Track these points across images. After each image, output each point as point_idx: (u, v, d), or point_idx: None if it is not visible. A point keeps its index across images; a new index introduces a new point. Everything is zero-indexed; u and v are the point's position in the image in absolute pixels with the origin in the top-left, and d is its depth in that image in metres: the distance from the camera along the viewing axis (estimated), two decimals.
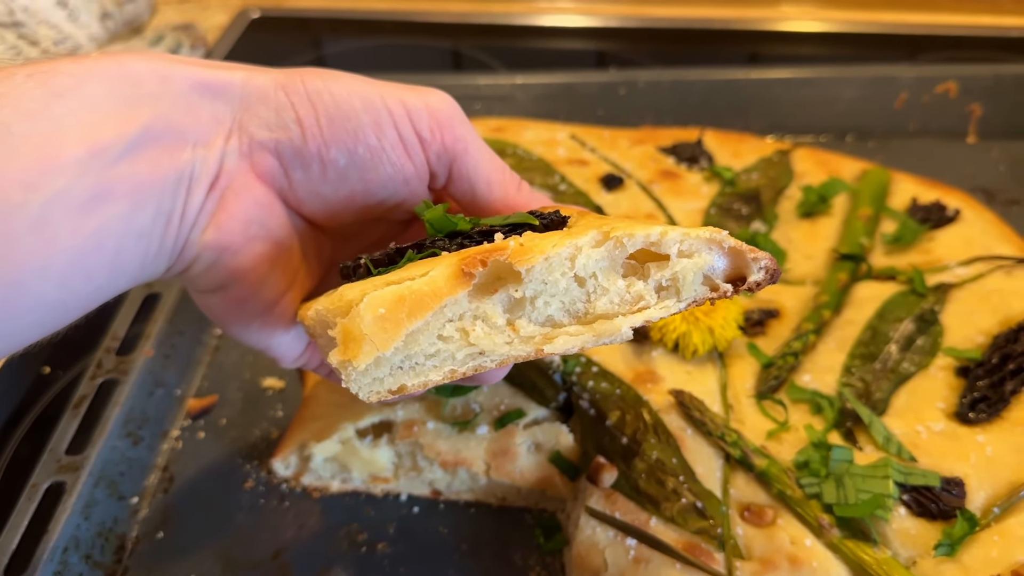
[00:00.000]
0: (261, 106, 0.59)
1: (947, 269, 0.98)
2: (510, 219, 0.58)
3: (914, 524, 0.75)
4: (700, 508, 0.77)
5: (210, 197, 0.58)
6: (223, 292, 0.63)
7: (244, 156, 0.59)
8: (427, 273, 0.49)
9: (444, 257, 0.52)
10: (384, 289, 0.49)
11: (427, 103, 0.61)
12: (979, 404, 0.83)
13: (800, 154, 1.15)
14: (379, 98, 0.60)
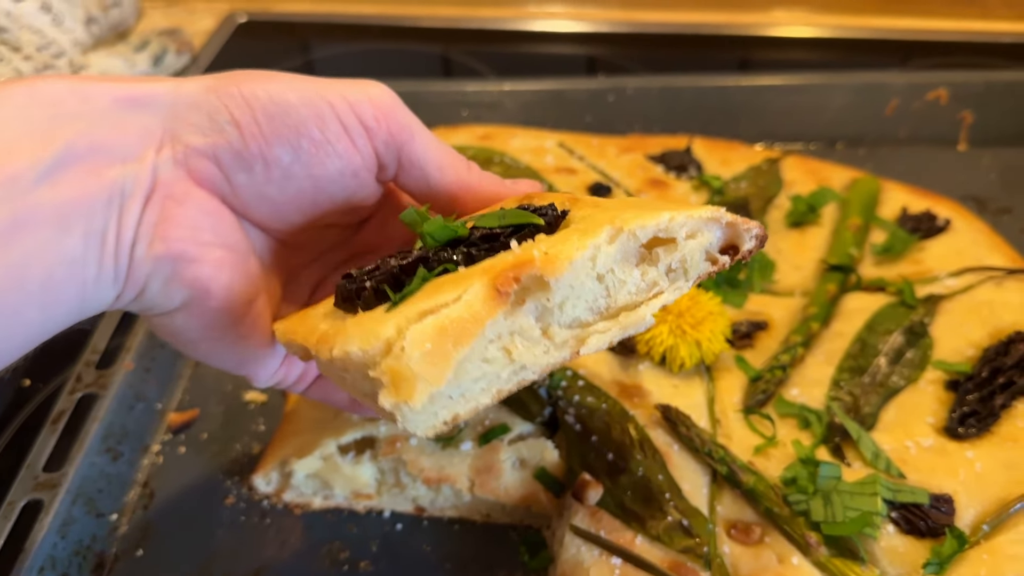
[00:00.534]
0: (193, 112, 0.57)
1: (937, 280, 0.97)
2: (508, 219, 0.56)
3: (902, 542, 0.74)
4: (686, 526, 0.76)
5: (148, 210, 0.56)
6: (187, 309, 0.60)
7: (180, 164, 0.57)
8: (460, 297, 0.48)
9: (466, 275, 0.51)
10: (424, 322, 0.47)
11: (368, 94, 0.60)
12: (969, 419, 0.82)
13: (789, 162, 1.14)
14: (318, 93, 0.58)
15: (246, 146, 0.57)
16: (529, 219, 0.56)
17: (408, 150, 0.62)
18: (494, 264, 0.51)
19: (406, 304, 0.50)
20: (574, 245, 0.51)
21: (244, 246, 0.62)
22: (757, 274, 0.98)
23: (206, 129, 0.57)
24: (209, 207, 0.59)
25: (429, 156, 0.63)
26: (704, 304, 0.87)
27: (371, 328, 0.48)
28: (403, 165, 0.63)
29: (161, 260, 0.57)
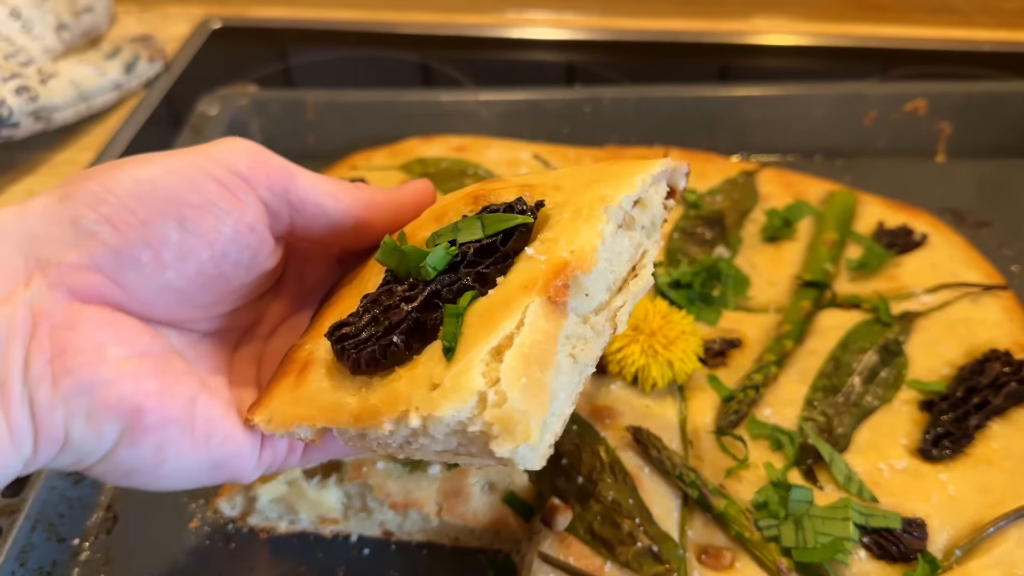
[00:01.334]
0: (52, 227, 0.52)
1: (913, 296, 0.96)
2: (492, 226, 0.54)
3: (874, 567, 0.74)
4: (656, 552, 0.75)
5: (35, 351, 0.50)
6: (127, 439, 0.53)
7: (57, 288, 0.51)
8: (523, 321, 0.48)
9: (504, 297, 0.51)
10: (506, 360, 0.47)
11: (232, 148, 0.57)
12: (943, 440, 0.81)
13: (766, 175, 1.13)
14: (181, 160, 0.55)
15: (125, 239, 0.52)
16: (516, 220, 0.55)
17: (295, 189, 0.58)
18: (528, 276, 0.51)
19: (463, 347, 0.49)
20: (588, 235, 0.52)
21: (159, 346, 0.56)
22: (731, 290, 0.97)
23: (73, 239, 0.52)
24: (103, 320, 0.53)
25: (319, 188, 0.59)
26: (677, 323, 0.86)
27: (455, 385, 0.47)
28: (295, 206, 0.59)
29: (72, 396, 0.50)
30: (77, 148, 1.37)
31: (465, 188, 0.64)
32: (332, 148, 1.27)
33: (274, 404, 0.56)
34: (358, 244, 0.65)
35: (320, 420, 0.53)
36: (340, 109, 1.28)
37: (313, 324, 0.63)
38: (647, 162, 0.61)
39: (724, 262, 0.98)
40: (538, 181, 0.61)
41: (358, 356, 0.52)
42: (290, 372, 0.58)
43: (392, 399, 0.49)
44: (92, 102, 1.40)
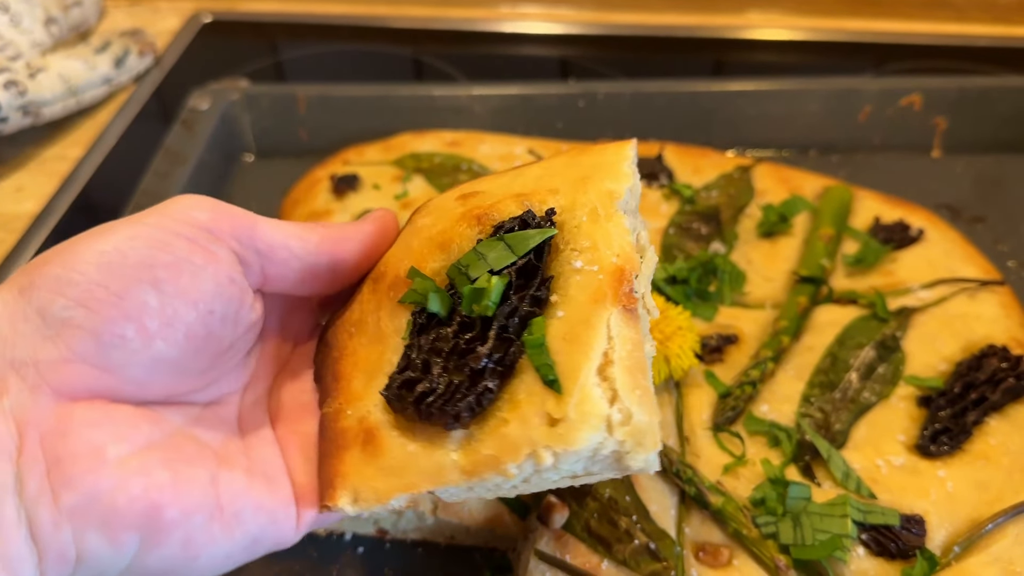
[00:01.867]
0: (18, 324, 0.47)
1: (910, 292, 0.96)
2: (522, 246, 0.53)
3: (873, 564, 0.73)
4: (653, 549, 0.74)
5: (26, 463, 0.45)
6: (150, 543, 0.48)
7: (39, 390, 0.47)
8: (611, 336, 0.49)
9: (575, 315, 0.51)
10: (616, 377, 0.48)
11: (189, 204, 0.53)
12: (941, 436, 0.81)
13: (761, 170, 1.12)
14: (142, 223, 0.51)
15: (102, 318, 0.47)
16: (542, 236, 0.54)
17: (260, 235, 0.55)
18: (592, 289, 0.51)
19: (564, 375, 0.49)
20: (619, 234, 0.53)
21: (162, 432, 0.51)
22: (727, 286, 0.96)
23: (45, 332, 0.47)
24: (99, 416, 0.48)
25: (284, 231, 0.56)
26: (673, 319, 0.85)
27: (582, 414, 0.47)
28: (264, 252, 0.55)
29: (79, 510, 0.45)
30: (66, 143, 1.36)
31: (453, 209, 0.60)
32: (324, 143, 1.26)
33: (354, 481, 0.52)
34: (334, 285, 0.61)
35: (425, 485, 0.50)
36: (332, 104, 1.27)
37: (337, 387, 0.58)
38: (618, 147, 0.61)
39: (720, 258, 0.97)
40: (530, 187, 0.59)
41: (456, 411, 0.50)
42: (350, 444, 0.54)
43: (510, 445, 0.48)
44: (81, 97, 1.39)
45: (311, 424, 0.59)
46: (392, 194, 1.11)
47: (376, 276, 0.61)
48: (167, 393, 0.53)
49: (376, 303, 0.59)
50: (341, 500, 0.52)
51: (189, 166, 1.17)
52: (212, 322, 0.52)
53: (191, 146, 1.20)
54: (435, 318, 0.54)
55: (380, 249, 0.62)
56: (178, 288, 0.50)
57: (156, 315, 0.49)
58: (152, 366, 0.50)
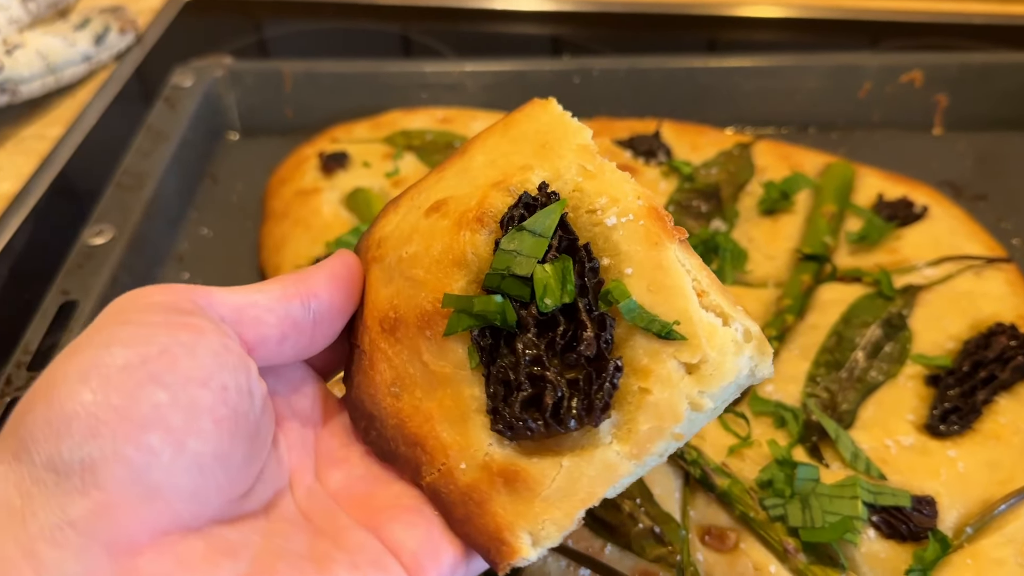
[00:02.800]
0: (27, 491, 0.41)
1: (915, 270, 0.94)
2: (548, 229, 0.50)
3: (884, 547, 0.71)
4: (658, 533, 0.71)
5: None
6: None
7: (85, 552, 0.40)
8: (687, 270, 0.49)
9: (646, 262, 0.49)
10: (718, 300, 0.48)
11: (134, 295, 0.49)
12: (950, 415, 0.79)
13: (761, 147, 1.10)
14: (106, 331, 0.46)
15: (120, 438, 0.41)
16: (560, 210, 0.51)
17: (220, 301, 0.50)
18: (642, 236, 0.50)
19: (674, 319, 0.48)
20: (624, 182, 0.52)
21: (246, 559, 0.46)
22: (729, 264, 0.94)
23: (65, 484, 0.41)
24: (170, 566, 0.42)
25: (241, 291, 0.52)
26: None
27: (719, 349, 0.48)
28: (231, 318, 0.50)
29: None
30: (45, 122, 1.32)
31: (436, 224, 0.55)
32: (311, 121, 1.22)
33: (524, 525, 0.49)
34: (320, 335, 0.55)
35: (601, 489, 0.49)
36: (319, 80, 1.23)
37: (425, 451, 0.53)
38: (544, 106, 0.60)
39: (721, 235, 0.95)
40: (498, 174, 0.55)
41: (603, 403, 0.48)
42: (490, 494, 0.50)
43: (666, 408, 0.47)
44: (60, 75, 1.35)
45: (382, 497, 0.54)
46: (383, 172, 1.08)
47: (389, 326, 0.54)
48: (224, 500, 0.47)
49: (410, 351, 0.53)
50: (524, 549, 0.49)
51: (172, 144, 1.13)
52: (230, 399, 0.46)
53: (174, 124, 1.16)
54: (500, 334, 0.51)
55: (351, 284, 0.57)
56: (181, 374, 0.44)
57: (174, 411, 0.43)
58: (196, 470, 0.44)
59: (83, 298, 0.94)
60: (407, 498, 0.53)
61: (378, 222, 0.60)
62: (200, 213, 1.13)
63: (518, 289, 0.50)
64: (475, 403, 0.51)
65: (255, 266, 1.05)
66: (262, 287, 0.53)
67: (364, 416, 0.56)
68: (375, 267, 0.57)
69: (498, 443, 0.50)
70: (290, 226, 1.02)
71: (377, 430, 0.55)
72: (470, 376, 0.51)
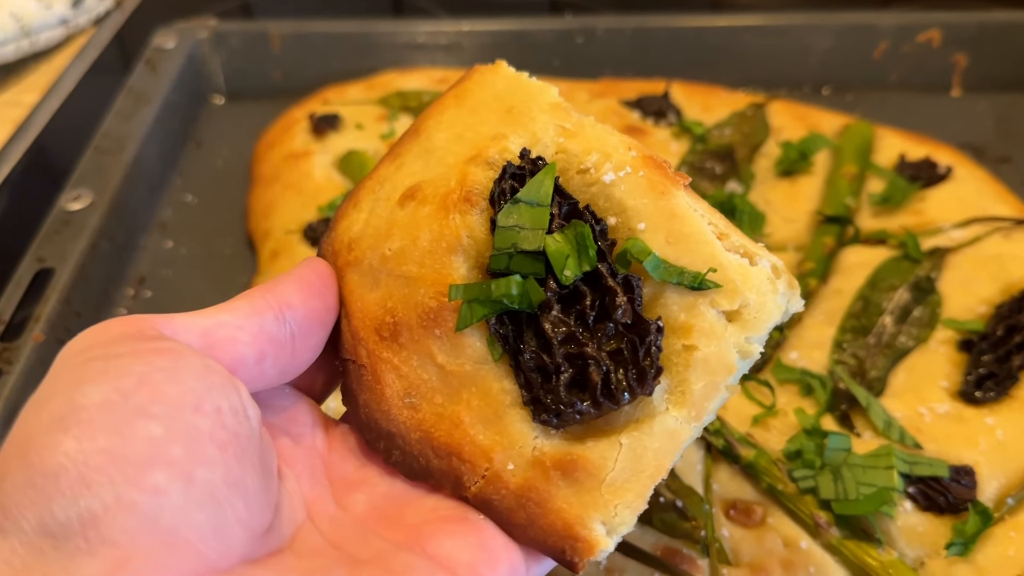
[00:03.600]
0: (23, 563, 0.36)
1: (941, 232, 0.89)
2: (544, 199, 0.47)
3: (921, 520, 0.67)
4: (680, 507, 0.67)
5: None
6: None
7: None
8: (701, 214, 0.46)
9: (658, 213, 0.47)
10: (738, 239, 0.46)
11: (89, 333, 0.44)
12: (986, 382, 0.75)
13: (776, 108, 1.05)
14: (74, 372, 0.41)
15: (120, 482, 0.37)
16: (551, 174, 0.48)
17: (184, 326, 0.45)
18: (647, 189, 0.47)
19: (705, 266, 0.45)
20: (612, 134, 0.50)
21: None
22: (747, 227, 0.89)
23: (67, 547, 0.36)
24: None
25: (205, 315, 0.47)
26: None
27: (758, 291, 0.45)
28: (200, 346, 0.46)
29: None
30: (20, 88, 1.26)
31: (415, 212, 0.51)
32: (300, 83, 1.17)
33: (595, 515, 0.45)
34: (300, 348, 0.50)
35: (668, 459, 0.46)
36: (308, 41, 1.18)
37: (462, 459, 0.49)
38: (495, 70, 0.56)
39: (738, 197, 0.90)
40: (470, 149, 0.52)
41: (655, 369, 0.45)
42: (549, 489, 0.46)
43: (717, 362, 0.45)
44: (35, 38, 1.28)
45: (416, 513, 0.49)
46: (378, 134, 1.02)
47: (389, 332, 0.50)
48: (249, 535, 0.42)
49: (419, 355, 0.49)
50: (601, 540, 0.45)
51: (154, 107, 1.08)
52: (228, 421, 0.41)
53: (156, 87, 1.11)
54: (519, 319, 0.47)
55: (326, 291, 0.52)
56: (169, 402, 0.39)
57: (172, 443, 0.39)
58: (212, 503, 0.39)
59: (59, 265, 0.88)
60: (445, 509, 0.49)
61: (339, 223, 0.55)
62: (184, 179, 1.08)
63: (530, 266, 0.46)
64: (507, 397, 0.47)
65: (242, 233, 0.99)
66: (228, 305, 0.47)
67: (382, 436, 0.50)
68: (351, 272, 0.52)
69: (544, 435, 0.47)
70: (280, 190, 0.97)
71: (400, 448, 0.50)
72: (495, 369, 0.47)
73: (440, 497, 0.49)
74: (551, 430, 0.46)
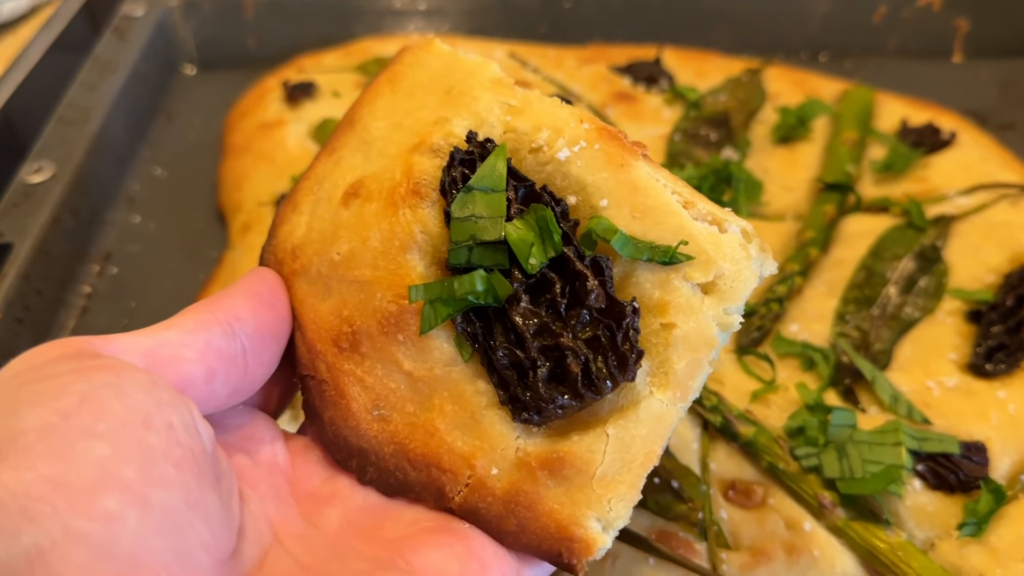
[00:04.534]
0: None
1: (946, 199, 0.86)
2: (499, 184, 0.45)
3: (931, 499, 0.63)
4: (676, 488, 0.64)
5: None
6: None
7: None
8: (664, 184, 0.45)
9: (621, 187, 0.45)
10: (705, 206, 0.44)
11: (23, 358, 0.40)
12: (996, 353, 0.71)
13: (772, 73, 1.02)
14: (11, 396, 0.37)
15: (66, 510, 0.34)
16: (503, 155, 0.46)
17: (126, 346, 0.42)
18: (606, 162, 0.45)
19: (677, 238, 0.44)
20: (559, 107, 0.48)
21: None
22: (743, 196, 0.85)
23: None
24: None
25: (147, 334, 0.43)
26: None
27: (732, 259, 0.44)
28: (148, 350, 0.43)
29: None
30: None
31: (361, 212, 0.48)
32: (275, 51, 1.12)
33: (589, 512, 0.43)
34: (252, 363, 0.47)
35: (659, 444, 0.44)
36: (283, 7, 1.13)
37: (442, 469, 0.46)
38: (426, 47, 0.54)
39: (734, 165, 0.86)
40: (413, 137, 0.49)
41: (636, 352, 0.43)
42: (538, 489, 0.44)
43: (698, 337, 0.43)
44: None
45: (396, 526, 0.46)
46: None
47: (348, 343, 0.48)
48: (214, 560, 0.38)
49: (384, 364, 0.47)
50: (598, 538, 0.43)
51: (121, 77, 1.03)
52: (181, 438, 0.38)
53: (123, 56, 1.06)
54: (485, 314, 0.45)
55: (276, 301, 0.49)
56: (115, 419, 0.36)
57: (123, 463, 0.35)
58: (172, 527, 0.35)
59: (18, 240, 0.84)
60: (427, 521, 0.46)
61: (279, 229, 0.52)
62: (153, 152, 1.03)
63: (492, 258, 0.44)
64: (483, 398, 0.45)
65: (213, 207, 0.95)
66: (171, 322, 0.44)
67: (353, 454, 0.48)
68: (299, 281, 0.50)
69: (526, 434, 0.45)
70: (252, 161, 0.92)
71: (374, 465, 0.47)
72: (467, 371, 0.45)
73: (420, 508, 0.46)
74: (533, 428, 0.44)
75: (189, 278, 0.87)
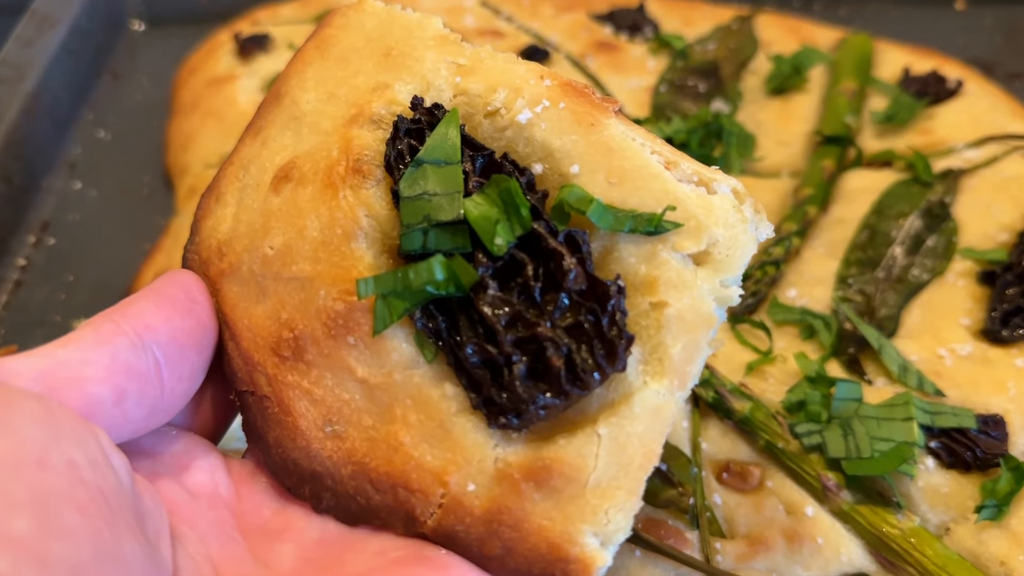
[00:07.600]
0: None
1: (954, 152, 0.82)
2: (453, 155, 0.41)
3: (945, 479, 0.60)
4: (664, 471, 0.60)
5: None
6: None
7: None
8: (642, 144, 0.42)
9: (596, 151, 0.42)
10: (690, 166, 0.41)
11: None
12: (1013, 318, 0.68)
13: (764, 20, 0.97)
14: None
15: None
16: (454, 119, 0.42)
17: (18, 369, 0.37)
18: (573, 122, 0.42)
19: (663, 203, 0.40)
20: (515, 63, 0.45)
21: None
22: (735, 150, 0.81)
23: None
24: None
25: (45, 352, 0.39)
26: None
27: (724, 223, 0.41)
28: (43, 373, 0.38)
29: None
30: None
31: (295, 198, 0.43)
32: (230, 5, 1.07)
33: (584, 526, 0.39)
34: (171, 381, 0.41)
35: (658, 441, 0.41)
36: None
37: (411, 489, 0.41)
38: (358, 8, 0.49)
39: (725, 117, 0.82)
40: (351, 108, 0.45)
41: (626, 338, 0.39)
42: (524, 504, 0.40)
43: (695, 318, 0.40)
44: None
45: (359, 559, 0.41)
46: None
47: (290, 351, 0.43)
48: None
49: (333, 371, 0.42)
50: (596, 555, 0.39)
51: (60, 32, 0.97)
52: (86, 476, 0.33)
53: (64, 9, 1.00)
54: (447, 306, 0.41)
55: (196, 307, 0.44)
56: (2, 463, 0.31)
57: (12, 514, 0.30)
58: None
59: None
60: (395, 550, 0.41)
61: (202, 224, 0.47)
62: (97, 113, 0.97)
63: (451, 240, 0.40)
64: (452, 404, 0.41)
65: (160, 171, 0.89)
66: (69, 338, 0.39)
67: (305, 479, 0.43)
68: (228, 283, 0.44)
69: (504, 441, 0.41)
70: (200, 120, 0.87)
71: (331, 490, 0.42)
72: (430, 373, 0.41)
73: (387, 536, 0.42)
74: (512, 434, 0.40)
75: (133, 248, 0.81)
